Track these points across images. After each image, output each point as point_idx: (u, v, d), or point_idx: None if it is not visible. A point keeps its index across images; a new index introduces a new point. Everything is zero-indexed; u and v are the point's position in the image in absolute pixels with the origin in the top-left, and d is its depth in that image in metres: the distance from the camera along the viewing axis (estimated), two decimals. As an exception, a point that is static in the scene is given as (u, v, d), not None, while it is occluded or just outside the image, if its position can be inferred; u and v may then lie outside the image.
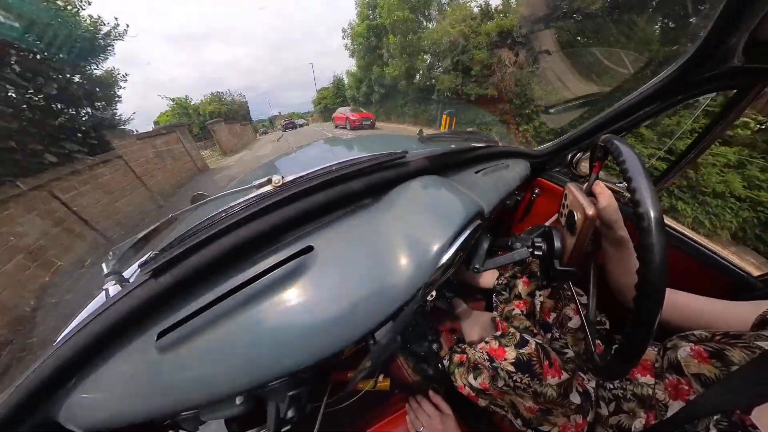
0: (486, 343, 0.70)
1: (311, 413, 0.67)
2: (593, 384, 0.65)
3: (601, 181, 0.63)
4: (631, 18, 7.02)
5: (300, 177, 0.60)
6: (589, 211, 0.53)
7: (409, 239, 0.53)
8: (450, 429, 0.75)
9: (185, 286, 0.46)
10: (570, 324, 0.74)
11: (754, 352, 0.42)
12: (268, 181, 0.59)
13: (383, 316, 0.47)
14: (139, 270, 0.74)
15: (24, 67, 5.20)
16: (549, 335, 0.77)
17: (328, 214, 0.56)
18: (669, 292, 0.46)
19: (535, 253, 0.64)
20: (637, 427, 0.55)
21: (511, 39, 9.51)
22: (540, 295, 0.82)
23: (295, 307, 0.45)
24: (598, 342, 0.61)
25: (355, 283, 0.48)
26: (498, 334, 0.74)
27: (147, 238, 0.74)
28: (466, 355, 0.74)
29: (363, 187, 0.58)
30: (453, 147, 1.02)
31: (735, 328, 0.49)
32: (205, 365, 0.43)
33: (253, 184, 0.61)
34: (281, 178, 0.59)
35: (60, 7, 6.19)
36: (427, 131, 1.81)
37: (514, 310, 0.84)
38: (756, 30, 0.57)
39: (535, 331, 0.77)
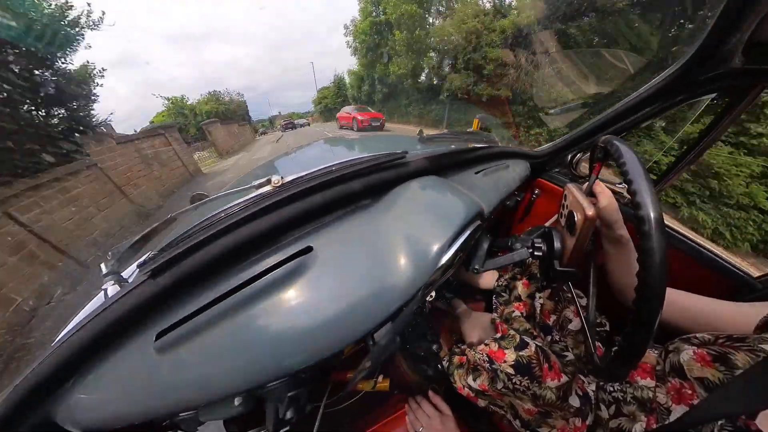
0: (486, 345, 0.70)
1: (310, 414, 0.67)
2: (593, 387, 0.65)
3: (601, 182, 0.63)
4: (654, 16, 6.69)
5: (299, 177, 0.60)
6: (589, 212, 0.53)
7: (409, 240, 0.53)
8: (450, 429, 0.74)
9: (184, 287, 0.46)
10: (570, 326, 0.74)
11: (758, 356, 0.42)
12: (267, 182, 0.59)
13: (383, 317, 0.47)
14: (138, 270, 0.73)
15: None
16: (549, 337, 0.77)
17: (327, 214, 0.55)
18: (669, 292, 0.46)
19: (535, 253, 0.64)
20: (637, 431, 0.55)
21: (527, 37, 9.02)
22: (540, 297, 0.82)
23: (295, 307, 0.45)
24: (599, 344, 0.61)
25: (355, 284, 0.47)
26: (498, 336, 0.74)
27: (146, 238, 0.74)
28: (465, 357, 0.73)
29: (362, 187, 0.58)
30: (453, 147, 1.02)
31: (737, 330, 0.48)
32: (204, 365, 0.43)
33: (253, 184, 0.61)
34: (281, 178, 0.59)
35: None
36: (431, 132, 1.79)
37: (514, 312, 0.83)
38: (756, 31, 0.57)
39: (535, 333, 0.77)
